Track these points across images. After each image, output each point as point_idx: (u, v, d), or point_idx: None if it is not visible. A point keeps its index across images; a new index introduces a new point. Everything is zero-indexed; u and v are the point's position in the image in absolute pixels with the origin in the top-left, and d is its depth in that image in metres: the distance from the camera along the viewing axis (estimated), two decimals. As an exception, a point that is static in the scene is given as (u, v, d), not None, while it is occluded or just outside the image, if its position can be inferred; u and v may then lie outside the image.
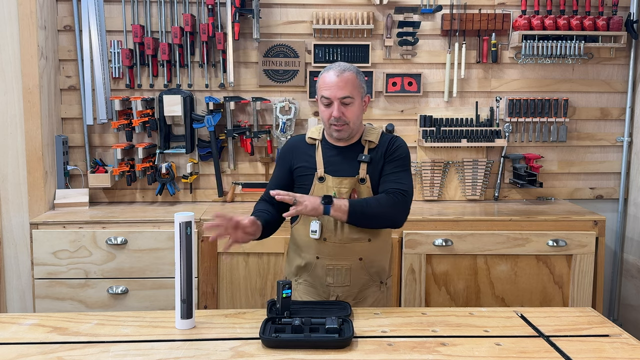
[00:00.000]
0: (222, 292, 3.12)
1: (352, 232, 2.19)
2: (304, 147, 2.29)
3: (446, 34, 3.49)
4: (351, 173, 2.20)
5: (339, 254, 2.21)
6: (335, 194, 2.17)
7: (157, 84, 3.48)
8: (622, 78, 3.57)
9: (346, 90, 2.13)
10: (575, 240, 3.07)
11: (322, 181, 2.21)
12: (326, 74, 2.16)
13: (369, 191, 2.20)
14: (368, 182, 2.20)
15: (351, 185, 2.19)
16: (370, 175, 2.21)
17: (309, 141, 2.29)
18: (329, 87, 2.14)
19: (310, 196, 2.11)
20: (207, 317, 1.97)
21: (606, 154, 3.65)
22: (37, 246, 3.02)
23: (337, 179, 2.19)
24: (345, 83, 2.13)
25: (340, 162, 2.22)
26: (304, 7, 3.48)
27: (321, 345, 1.74)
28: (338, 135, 2.18)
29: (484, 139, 3.46)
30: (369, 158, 2.20)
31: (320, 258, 2.22)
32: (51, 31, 3.34)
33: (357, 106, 2.16)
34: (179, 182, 3.54)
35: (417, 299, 3.09)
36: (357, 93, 2.16)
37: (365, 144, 2.24)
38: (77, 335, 1.82)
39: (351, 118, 2.15)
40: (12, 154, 3.28)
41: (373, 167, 2.21)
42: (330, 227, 2.20)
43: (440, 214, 3.19)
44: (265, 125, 3.51)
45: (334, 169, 2.21)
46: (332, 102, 2.14)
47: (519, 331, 1.87)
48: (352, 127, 2.17)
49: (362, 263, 2.22)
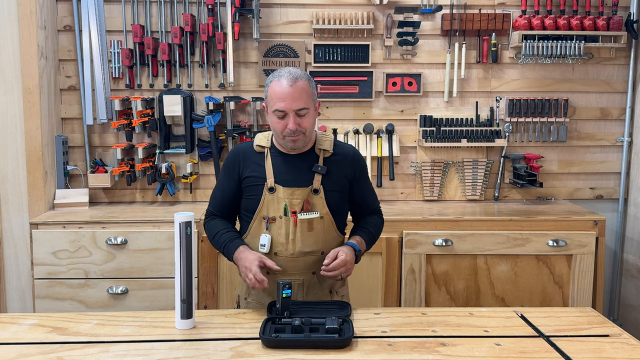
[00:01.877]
0: (222, 292, 3.12)
1: (304, 244, 2.09)
2: (252, 156, 2.16)
3: (446, 34, 3.49)
4: (304, 183, 2.09)
5: (291, 268, 2.11)
6: (287, 206, 2.07)
7: (157, 84, 3.48)
8: (622, 78, 3.57)
9: (301, 102, 2.01)
10: (575, 240, 3.07)
11: (272, 192, 2.09)
12: (276, 84, 2.02)
13: (323, 202, 2.10)
14: (322, 193, 2.10)
15: (304, 196, 2.08)
16: (325, 186, 2.11)
17: (257, 149, 2.16)
18: (283, 98, 2.00)
19: (343, 254, 2.04)
20: (207, 317, 1.97)
21: (606, 154, 3.65)
22: (37, 246, 3.01)
23: (289, 189, 2.08)
24: (300, 93, 2.01)
25: (291, 171, 2.11)
26: (304, 7, 3.48)
27: (321, 345, 1.74)
28: (294, 145, 2.07)
29: (484, 139, 3.46)
30: (325, 170, 2.10)
31: (270, 274, 2.09)
32: (51, 31, 3.34)
33: (312, 115, 2.06)
34: (179, 182, 3.54)
35: (417, 299, 3.09)
36: (311, 102, 2.05)
37: (320, 152, 2.13)
38: (77, 335, 1.82)
39: (307, 127, 2.05)
40: (12, 154, 3.28)
41: (329, 178, 2.12)
42: (280, 241, 2.09)
43: (440, 214, 3.19)
44: (265, 125, 3.51)
45: (284, 178, 2.10)
46: (286, 114, 2.01)
47: (519, 331, 1.87)
48: (307, 135, 2.07)
49: (316, 277, 2.13)
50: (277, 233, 2.10)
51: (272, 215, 2.10)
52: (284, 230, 2.09)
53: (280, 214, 2.09)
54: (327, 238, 2.14)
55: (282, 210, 2.08)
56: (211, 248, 3.05)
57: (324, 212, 2.11)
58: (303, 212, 2.09)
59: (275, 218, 2.10)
